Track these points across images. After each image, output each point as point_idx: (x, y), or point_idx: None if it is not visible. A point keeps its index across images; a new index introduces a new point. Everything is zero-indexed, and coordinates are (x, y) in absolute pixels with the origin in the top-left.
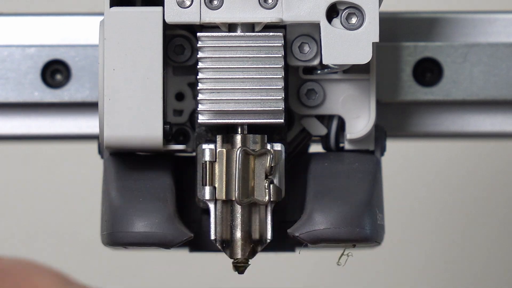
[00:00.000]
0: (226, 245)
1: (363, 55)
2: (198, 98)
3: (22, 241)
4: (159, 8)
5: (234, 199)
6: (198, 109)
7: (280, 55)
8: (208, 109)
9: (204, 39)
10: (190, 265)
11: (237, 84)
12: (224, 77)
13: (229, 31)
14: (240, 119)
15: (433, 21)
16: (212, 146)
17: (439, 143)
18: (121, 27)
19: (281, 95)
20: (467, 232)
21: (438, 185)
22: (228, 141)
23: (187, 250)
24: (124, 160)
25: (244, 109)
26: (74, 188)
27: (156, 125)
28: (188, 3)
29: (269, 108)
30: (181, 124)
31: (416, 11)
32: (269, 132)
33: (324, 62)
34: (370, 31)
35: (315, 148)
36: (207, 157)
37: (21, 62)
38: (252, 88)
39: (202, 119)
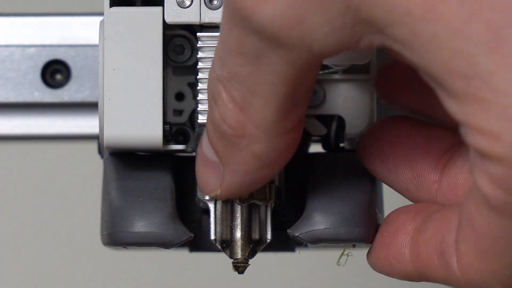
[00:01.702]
0: (226, 245)
1: (363, 55)
2: (198, 98)
3: (22, 241)
4: (159, 8)
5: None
6: (198, 109)
7: None
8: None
9: (204, 39)
10: (190, 265)
11: None
12: None
13: None
14: None
15: None
16: None
17: None
18: (121, 27)
19: None
20: None
21: None
22: None
23: (187, 250)
24: (124, 160)
25: None
26: (74, 188)
27: (156, 125)
28: (188, 3)
29: None
30: (181, 124)
31: None
32: None
33: (324, 62)
34: None
35: (315, 148)
36: None
37: (21, 62)
38: None
39: (202, 119)
